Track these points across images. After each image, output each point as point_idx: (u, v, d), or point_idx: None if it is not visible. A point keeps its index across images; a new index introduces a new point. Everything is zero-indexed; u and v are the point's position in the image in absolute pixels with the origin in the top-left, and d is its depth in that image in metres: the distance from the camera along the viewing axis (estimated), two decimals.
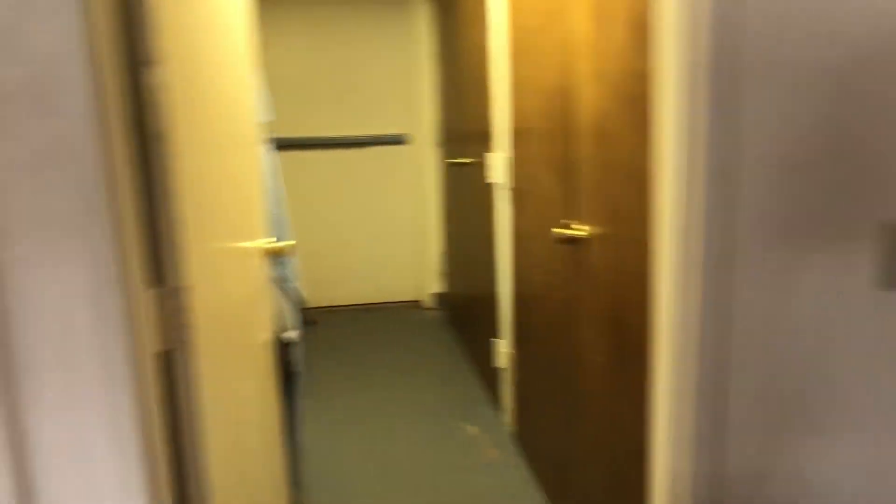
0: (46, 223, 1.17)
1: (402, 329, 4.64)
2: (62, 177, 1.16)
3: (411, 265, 5.03)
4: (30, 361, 1.22)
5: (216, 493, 1.50)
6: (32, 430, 1.24)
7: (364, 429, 3.29)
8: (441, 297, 4.91)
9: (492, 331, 3.38)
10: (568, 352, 2.35)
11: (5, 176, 1.15)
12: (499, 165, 3.03)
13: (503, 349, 3.19)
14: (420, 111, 4.80)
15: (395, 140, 4.83)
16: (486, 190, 3.31)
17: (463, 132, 3.87)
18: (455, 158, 4.05)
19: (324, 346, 4.34)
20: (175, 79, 1.37)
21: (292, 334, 2.32)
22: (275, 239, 2.26)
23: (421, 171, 4.87)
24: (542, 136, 2.47)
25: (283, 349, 2.31)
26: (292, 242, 2.22)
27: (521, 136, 2.78)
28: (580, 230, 2.15)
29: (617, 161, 1.85)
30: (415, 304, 5.04)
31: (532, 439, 2.87)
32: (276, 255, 2.21)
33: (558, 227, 2.25)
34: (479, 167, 3.47)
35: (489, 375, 3.53)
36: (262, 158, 2.18)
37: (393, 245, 4.99)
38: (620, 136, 1.81)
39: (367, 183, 4.90)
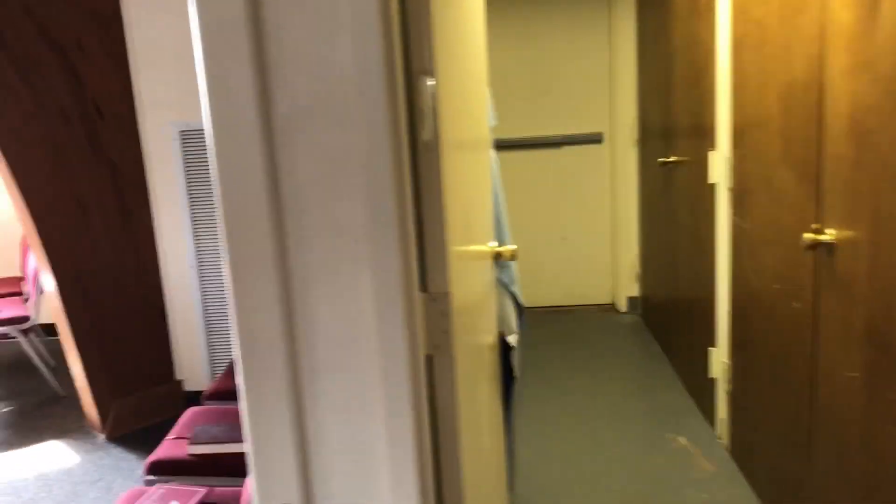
0: (337, 230, 1.22)
1: (597, 333, 4.55)
2: (355, 186, 1.20)
3: (606, 267, 4.92)
4: (315, 364, 1.27)
5: (465, 496, 1.52)
6: (315, 430, 1.29)
7: (568, 434, 3.25)
8: (638, 301, 4.77)
9: (702, 338, 3.23)
10: (805, 366, 2.19)
11: (303, 185, 1.20)
12: (719, 164, 2.89)
13: (718, 358, 3.04)
14: (618, 109, 4.68)
15: (591, 139, 4.74)
16: (699, 190, 3.16)
17: (670, 130, 3.73)
18: (660, 157, 3.91)
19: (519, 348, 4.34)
20: (442, 87, 1.39)
21: (513, 338, 2.32)
22: (496, 243, 2.27)
23: (618, 170, 4.75)
24: (778, 134, 2.31)
25: (504, 353, 2.31)
26: (515, 247, 2.22)
27: (746, 133, 2.62)
28: (828, 235, 1.99)
29: (886, 162, 1.69)
30: (609, 308, 4.93)
31: (753, 455, 2.71)
32: (499, 259, 2.22)
33: (803, 231, 2.10)
34: (690, 166, 3.33)
35: (697, 384, 3.38)
36: (491, 163, 2.19)
37: (587, 246, 4.90)
38: (892, 133, 1.65)
39: (561, 183, 4.84)
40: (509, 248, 2.19)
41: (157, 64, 3.38)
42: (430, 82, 1.29)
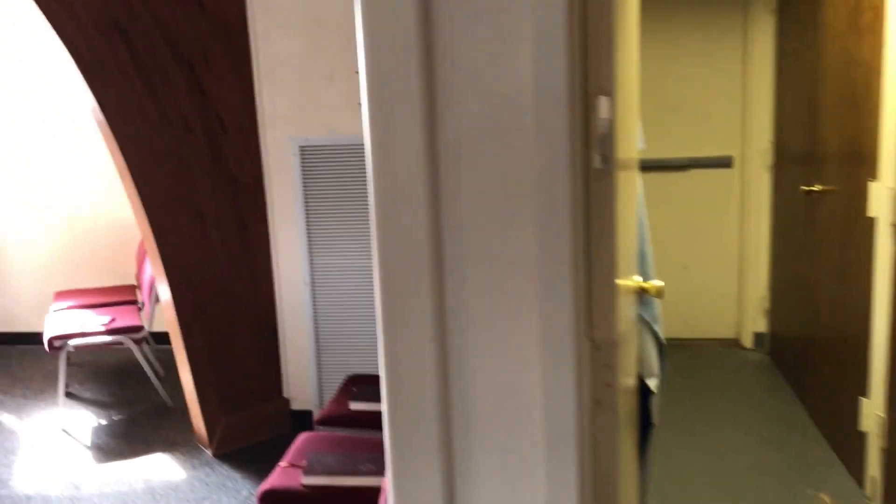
0: (502, 266, 1.08)
1: (721, 370, 4.25)
2: (524, 217, 1.06)
3: (730, 300, 4.60)
4: (468, 413, 1.13)
5: None
6: (465, 490, 1.15)
7: (698, 481, 3.01)
8: (766, 338, 4.44)
9: (850, 386, 2.93)
10: None
11: (467, 215, 1.07)
12: (882, 196, 2.61)
13: (871, 410, 2.74)
14: (751, 131, 4.38)
15: (720, 162, 4.46)
16: (853, 223, 2.88)
17: (816, 156, 3.43)
18: (801, 185, 3.61)
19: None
20: (617, 108, 1.23)
21: (653, 382, 2.13)
22: (640, 277, 2.09)
23: (748, 196, 4.44)
24: None
25: (643, 397, 2.12)
26: (661, 284, 2.02)
27: None
28: None
29: None
30: (732, 343, 4.62)
31: None
32: (643, 294, 2.03)
33: None
34: (841, 196, 3.04)
35: (842, 436, 3.07)
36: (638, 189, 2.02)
37: (710, 276, 4.60)
38: None
39: (686, 207, 4.57)
40: (656, 284, 2.01)
41: (280, 79, 3.36)
42: (607, 103, 1.14)
